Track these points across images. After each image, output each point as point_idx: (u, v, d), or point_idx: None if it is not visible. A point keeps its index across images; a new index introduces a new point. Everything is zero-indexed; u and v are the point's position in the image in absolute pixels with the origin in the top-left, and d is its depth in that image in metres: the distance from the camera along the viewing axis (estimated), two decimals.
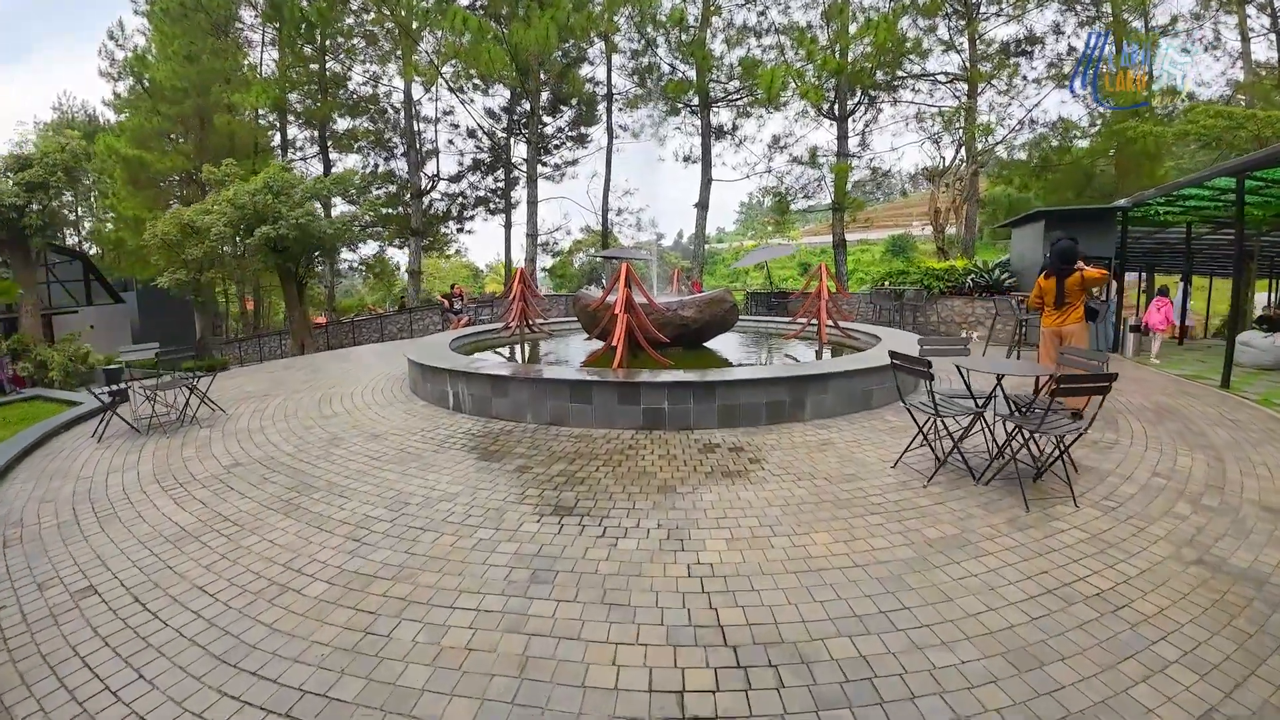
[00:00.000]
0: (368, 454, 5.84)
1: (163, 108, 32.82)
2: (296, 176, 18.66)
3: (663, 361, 7.42)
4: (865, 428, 6.24)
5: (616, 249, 22.66)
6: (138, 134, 31.80)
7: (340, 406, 8.00)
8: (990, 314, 15.05)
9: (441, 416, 7.04)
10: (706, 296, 9.50)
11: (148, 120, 32.38)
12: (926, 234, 53.55)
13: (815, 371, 6.26)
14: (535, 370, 6.48)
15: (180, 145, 31.13)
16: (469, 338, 11.12)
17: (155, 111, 32.81)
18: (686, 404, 5.91)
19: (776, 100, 18.51)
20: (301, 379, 10.69)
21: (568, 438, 5.88)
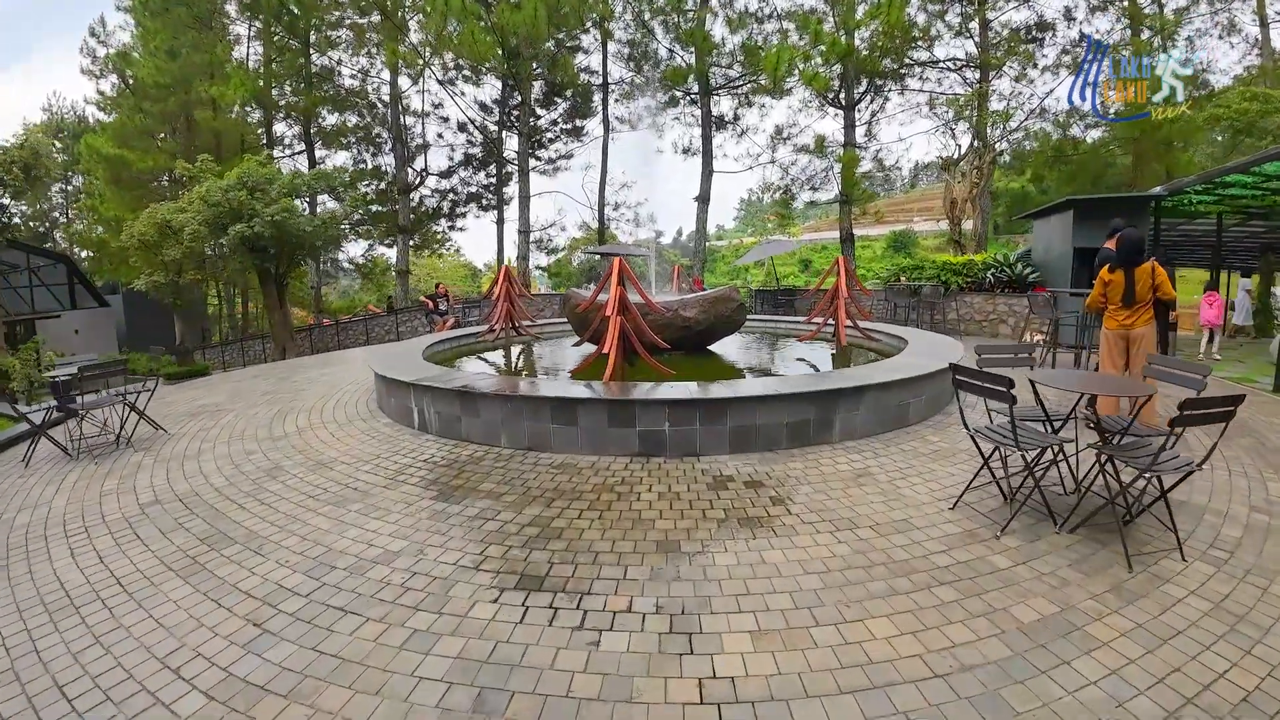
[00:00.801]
0: (306, 490, 4.83)
1: (146, 105, 31.99)
2: (274, 171, 17.59)
3: (662, 370, 6.39)
4: (905, 451, 5.22)
5: (612, 245, 21.61)
6: (120, 132, 31.01)
7: (294, 425, 7.01)
8: (1013, 312, 14.03)
9: (404, 438, 6.02)
10: (711, 295, 8.48)
11: (130, 118, 31.59)
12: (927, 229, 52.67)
13: (847, 384, 5.22)
14: (510, 386, 5.45)
15: (164, 144, 30.18)
16: (448, 342, 10.09)
17: (138, 109, 32.01)
18: (691, 425, 4.88)
19: (781, 84, 17.46)
20: (264, 390, 9.71)
21: (547, 468, 4.85)
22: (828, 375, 5.71)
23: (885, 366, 6.23)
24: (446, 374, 6.23)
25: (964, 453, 5.25)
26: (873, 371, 5.80)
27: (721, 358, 8.81)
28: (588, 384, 5.54)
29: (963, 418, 4.25)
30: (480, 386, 5.47)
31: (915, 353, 7.18)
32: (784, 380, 5.45)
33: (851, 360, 8.44)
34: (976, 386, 3.80)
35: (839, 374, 5.73)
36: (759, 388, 5.11)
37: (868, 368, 6.14)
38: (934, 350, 7.39)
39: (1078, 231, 12.82)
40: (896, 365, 6.25)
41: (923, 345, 7.74)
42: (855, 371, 5.87)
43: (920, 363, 6.31)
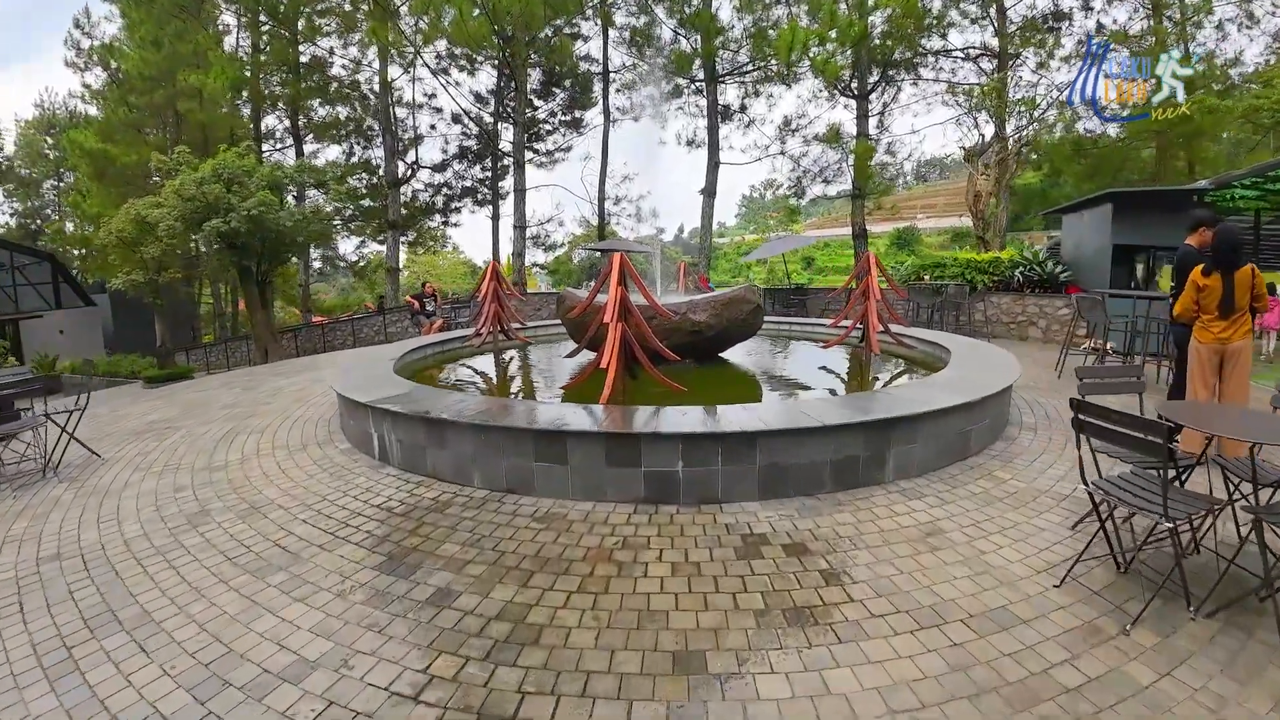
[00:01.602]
0: (226, 548, 3.83)
1: (131, 98, 31.10)
2: (252, 162, 16.56)
3: (671, 386, 5.36)
4: (975, 495, 4.20)
5: (613, 241, 20.55)
6: (104, 127, 30.18)
7: (239, 451, 6.01)
8: (1044, 314, 12.99)
9: (359, 472, 5.00)
10: (724, 296, 7.45)
11: (114, 112, 30.75)
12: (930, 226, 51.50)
13: (903, 411, 4.19)
14: (484, 412, 4.41)
15: (151, 138, 29.19)
16: (431, 348, 9.07)
17: (124, 102, 31.15)
18: (711, 465, 3.86)
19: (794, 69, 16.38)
20: (226, 402, 8.74)
21: (529, 520, 3.83)
22: (875, 398, 4.68)
23: (939, 384, 5.20)
24: (411, 394, 5.20)
25: (1046, 495, 4.26)
26: (929, 393, 4.77)
27: (736, 367, 7.80)
28: (583, 408, 4.51)
29: (1081, 471, 3.21)
30: (449, 412, 4.44)
31: (964, 364, 6.16)
32: (823, 405, 4.42)
33: (885, 371, 7.41)
34: (1115, 434, 2.77)
35: (889, 396, 4.70)
36: (795, 417, 4.07)
37: (920, 386, 5.11)
38: (985, 362, 6.36)
39: (1117, 227, 11.80)
40: (951, 383, 5.22)
41: (968, 355, 6.71)
42: (909, 393, 4.83)
43: (982, 380, 5.29)
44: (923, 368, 7.34)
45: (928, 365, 7.40)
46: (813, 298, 16.37)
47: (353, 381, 6.17)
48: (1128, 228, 11.74)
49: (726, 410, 4.21)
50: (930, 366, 7.30)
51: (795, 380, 7.11)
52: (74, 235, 34.41)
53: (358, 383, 6.05)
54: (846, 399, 4.64)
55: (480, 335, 8.72)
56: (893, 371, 7.39)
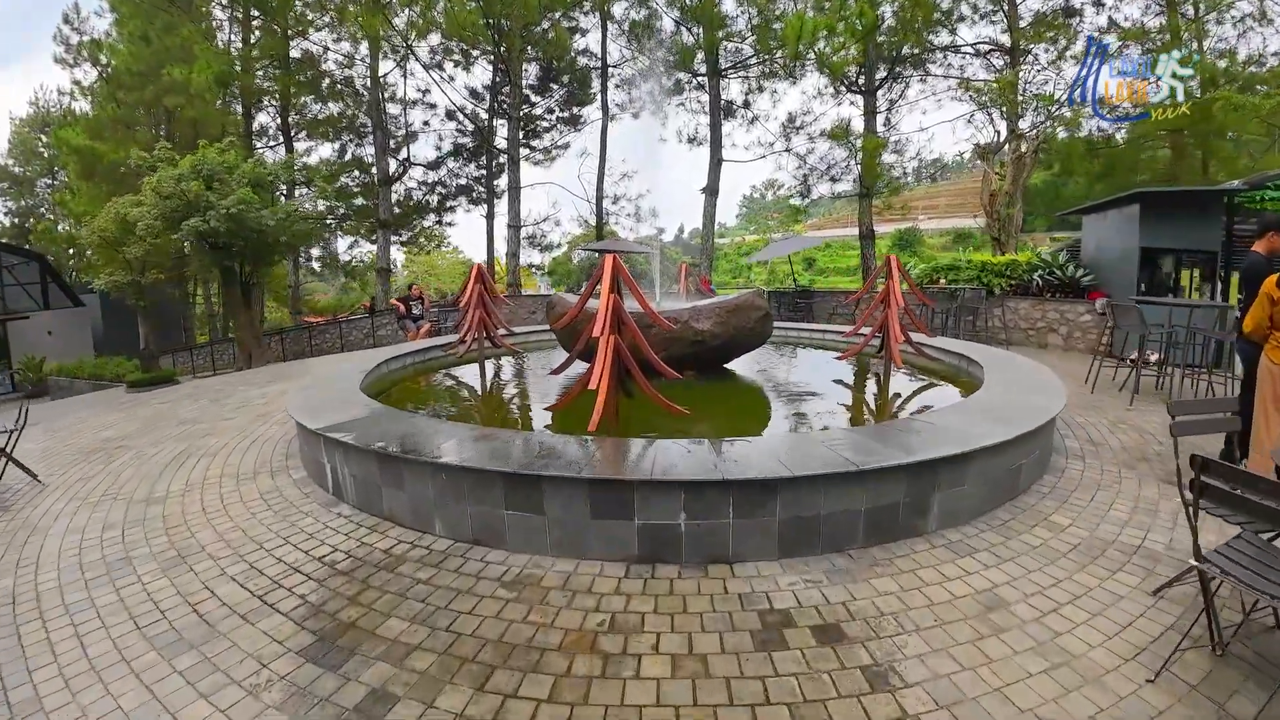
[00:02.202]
0: (139, 611, 3.23)
1: (121, 94, 30.60)
2: (234, 158, 15.87)
3: (671, 408, 4.67)
4: (1034, 548, 3.52)
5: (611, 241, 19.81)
6: (93, 124, 29.69)
7: (184, 479, 5.35)
8: (1065, 320, 12.30)
9: (308, 511, 4.31)
10: (730, 303, 6.77)
11: (103, 108, 30.25)
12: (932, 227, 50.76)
13: (952, 451, 3.49)
14: (445, 446, 3.71)
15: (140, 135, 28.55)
16: (411, 356, 8.39)
17: (112, 98, 30.65)
18: (720, 517, 3.16)
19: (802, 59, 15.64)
20: (186, 416, 8.09)
21: (494, 586, 3.13)
22: (913, 429, 3.96)
23: (980, 409, 4.50)
24: (370, 418, 4.51)
25: (1114, 548, 3.61)
26: (972, 421, 4.08)
27: (743, 381, 7.12)
28: (564, 440, 3.81)
29: (1195, 544, 2.51)
30: (403, 446, 3.74)
31: (1000, 382, 5.47)
32: (852, 439, 3.71)
33: (910, 387, 6.71)
34: (1261, 507, 2.07)
35: (928, 427, 3.99)
36: (823, 457, 3.37)
37: (959, 413, 4.41)
38: (1022, 379, 5.68)
39: (1145, 229, 11.08)
40: (993, 407, 4.53)
41: (1001, 370, 6.02)
42: (948, 421, 4.13)
43: (1026, 402, 4.61)
44: (951, 383, 6.65)
45: (956, 380, 6.71)
46: (819, 301, 15.66)
47: (312, 399, 5.48)
48: (1156, 229, 11.04)
49: (738, 447, 3.51)
50: (959, 382, 6.60)
51: (809, 397, 6.41)
52: (61, 234, 33.75)
53: (317, 401, 5.37)
54: (878, 431, 3.93)
55: (464, 343, 8.01)
56: (918, 388, 6.70)
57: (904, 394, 6.46)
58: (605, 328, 4.30)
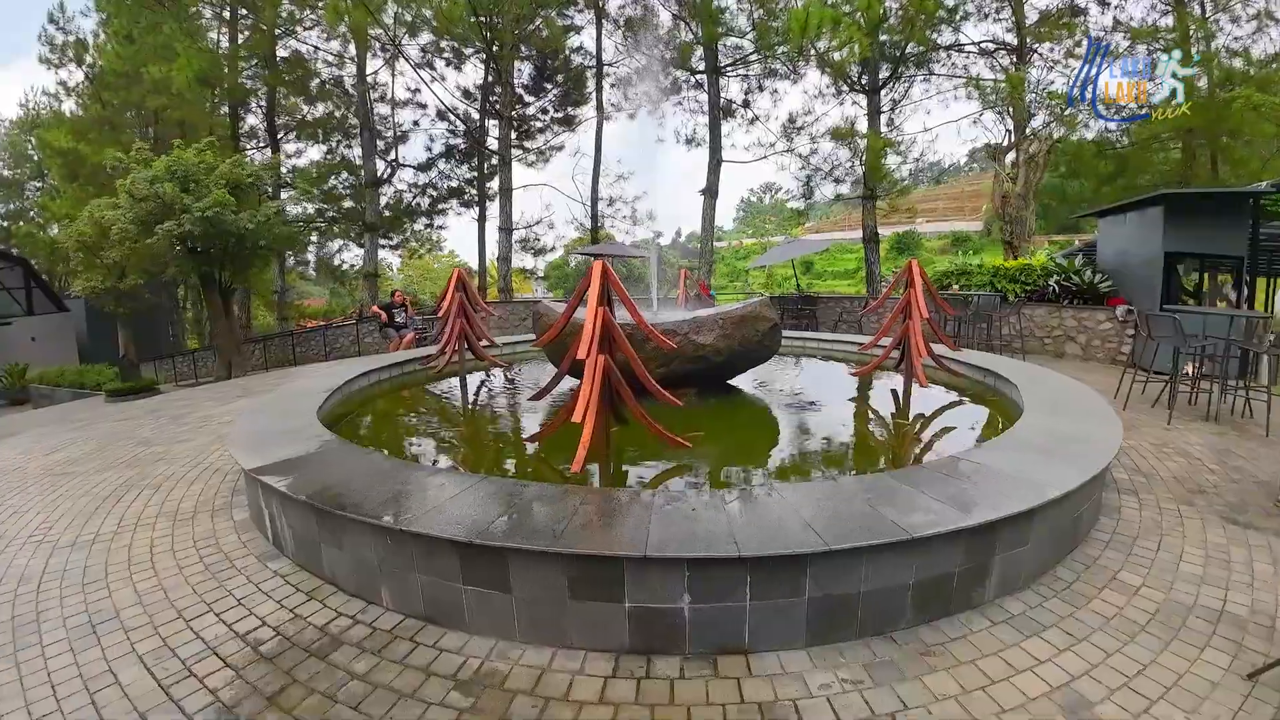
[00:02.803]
0: (33, 701, 2.56)
1: (106, 95, 30.06)
2: (211, 158, 15.20)
3: (670, 440, 4.00)
4: (1107, 620, 2.90)
5: (607, 245, 19.18)
6: (77, 125, 29.18)
7: (119, 517, 4.70)
8: (1084, 328, 11.67)
9: (243, 567, 3.64)
10: (734, 313, 6.11)
11: (89, 108, 29.73)
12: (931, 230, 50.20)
13: (1018, 508, 2.82)
14: (389, 500, 3.04)
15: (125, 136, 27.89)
16: (385, 371, 7.70)
17: (97, 99, 30.12)
18: (735, 599, 2.48)
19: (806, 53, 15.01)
20: (142, 437, 7.46)
21: (445, 689, 2.45)
22: (960, 472, 3.28)
23: (1030, 442, 3.84)
24: (316, 455, 3.83)
25: (1195, 614, 3.00)
26: (1026, 460, 3.43)
27: (749, 400, 6.46)
28: (537, 494, 3.13)
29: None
30: (345, 497, 3.07)
31: (1042, 404, 4.82)
32: (891, 489, 3.04)
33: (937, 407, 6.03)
34: None
35: (978, 470, 3.32)
36: (862, 518, 2.70)
37: (1009, 449, 3.75)
38: (1065, 399, 5.05)
39: (1171, 233, 10.45)
40: (1045, 440, 3.87)
41: (1038, 389, 5.37)
42: (997, 459, 3.47)
43: (1079, 432, 3.97)
44: (980, 403, 5.98)
45: (985, 400, 6.05)
46: (823, 307, 15.00)
47: (260, 426, 4.81)
48: (1181, 233, 10.41)
49: (755, 505, 2.84)
50: (990, 403, 5.94)
51: (824, 419, 5.75)
52: (44, 238, 32.97)
53: (265, 428, 4.70)
54: (920, 476, 3.25)
55: (444, 355, 7.34)
56: (947, 411, 6.03)
57: (932, 417, 5.77)
58: (592, 348, 3.64)
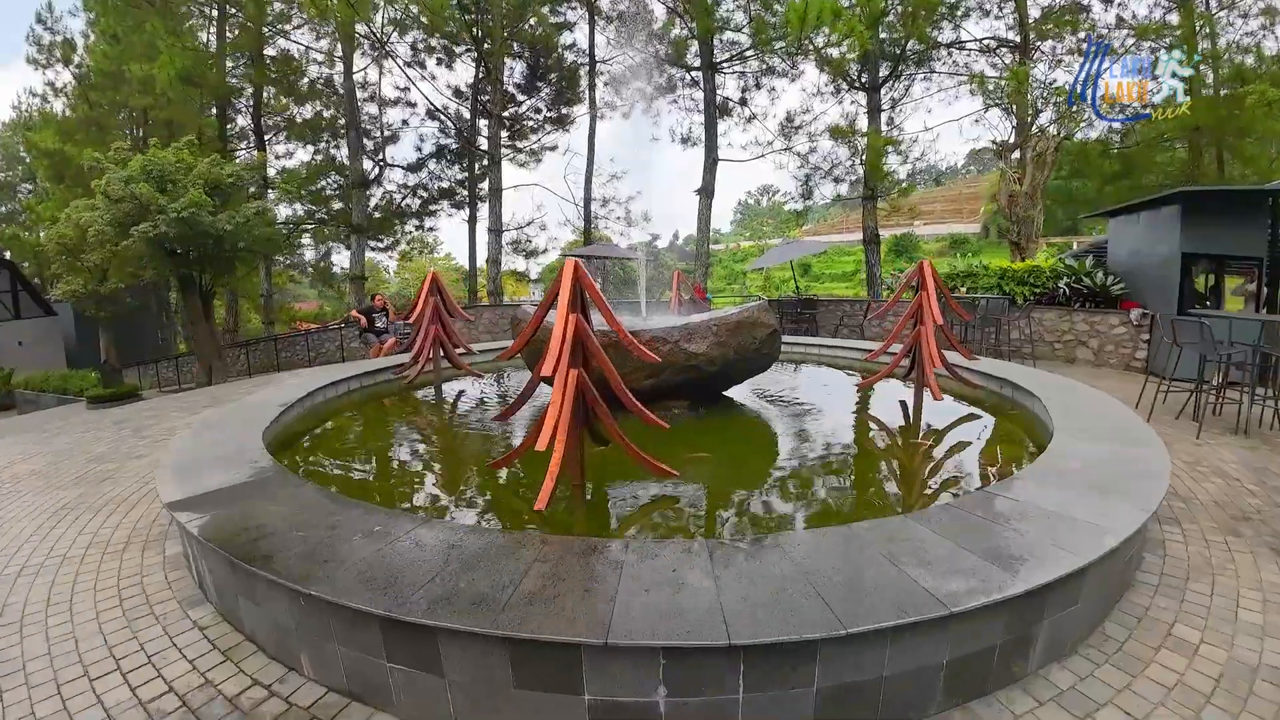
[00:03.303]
0: None
1: (93, 95, 29.65)
2: (188, 157, 14.70)
3: (655, 468, 3.49)
4: (1167, 691, 2.41)
5: (600, 246, 18.64)
6: (64, 125, 28.84)
7: (47, 550, 4.23)
8: (1096, 332, 11.15)
9: (162, 614, 3.14)
10: (730, 319, 5.61)
11: (76, 108, 29.41)
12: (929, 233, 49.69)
13: (1072, 566, 2.30)
14: (304, 553, 2.51)
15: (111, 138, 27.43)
16: (353, 381, 7.18)
17: (84, 99, 29.75)
18: (727, 692, 1.95)
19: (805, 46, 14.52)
20: (97, 452, 7.03)
21: None
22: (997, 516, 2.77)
23: (1069, 472, 3.33)
24: (244, 488, 3.31)
25: (1260, 677, 2.52)
26: (1070, 497, 2.91)
27: (745, 414, 5.94)
28: (484, 549, 2.60)
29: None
30: (260, 546, 2.54)
31: (1078, 424, 4.31)
32: (917, 539, 2.52)
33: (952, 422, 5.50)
34: None
35: (1017, 506, 2.81)
36: (886, 588, 2.17)
37: (1050, 484, 3.23)
38: (1096, 415, 4.55)
39: (1189, 233, 9.95)
40: (1087, 468, 3.36)
41: (1064, 401, 4.87)
42: (1040, 495, 2.96)
43: (1130, 459, 3.45)
44: (1000, 418, 5.46)
45: (1005, 414, 5.52)
46: (824, 310, 14.49)
47: (200, 446, 4.30)
48: (1199, 233, 9.91)
49: (751, 563, 2.31)
50: (1011, 417, 5.41)
51: (830, 438, 5.22)
52: (30, 241, 32.42)
53: (204, 449, 4.19)
54: (950, 518, 2.72)
55: (417, 364, 6.82)
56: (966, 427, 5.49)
57: (949, 435, 5.23)
58: (561, 360, 3.12)
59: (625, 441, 3.39)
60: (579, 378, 3.27)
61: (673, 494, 3.66)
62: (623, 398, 3.40)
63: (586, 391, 3.33)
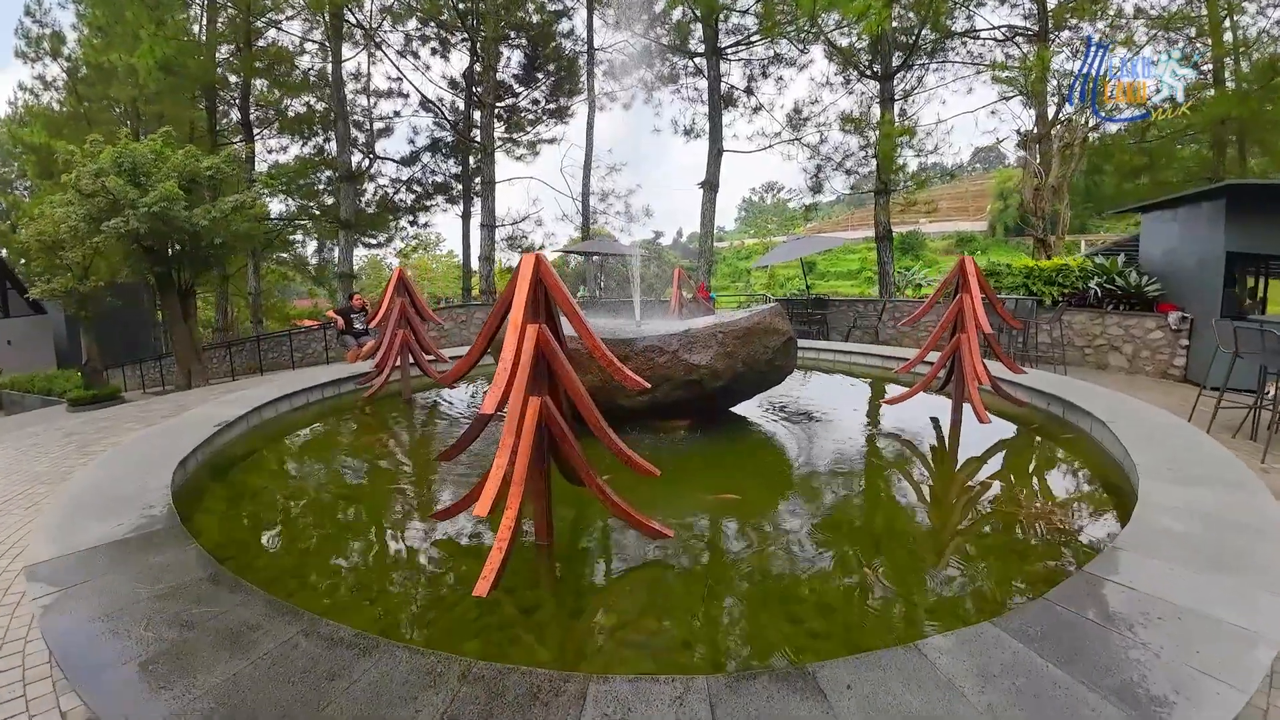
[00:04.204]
0: None
1: (81, 89, 29.14)
2: (164, 148, 13.95)
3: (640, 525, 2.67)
4: None
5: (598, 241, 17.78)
6: (52, 120, 28.34)
7: None
8: (1130, 337, 10.31)
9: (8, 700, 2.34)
10: (738, 325, 4.80)
11: (65, 102, 28.98)
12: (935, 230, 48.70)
13: (1231, 706, 1.51)
14: (120, 691, 1.71)
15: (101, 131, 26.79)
16: (315, 392, 6.39)
17: (73, 92, 29.28)
18: None
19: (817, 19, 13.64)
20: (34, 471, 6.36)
21: None
22: (1108, 613, 1.96)
23: (1176, 531, 2.52)
24: (113, 550, 2.54)
25: None
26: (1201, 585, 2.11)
27: (756, 434, 5.13)
28: (379, 680, 1.80)
29: None
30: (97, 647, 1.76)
31: (1160, 459, 3.51)
32: (1024, 692, 1.70)
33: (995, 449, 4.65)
34: None
35: (1130, 597, 2.01)
36: None
37: (1161, 552, 2.43)
38: (1171, 445, 3.75)
39: (1233, 230, 9.09)
40: (1189, 522, 2.56)
41: (1135, 428, 4.06)
42: (1155, 578, 2.16)
43: (1248, 509, 2.67)
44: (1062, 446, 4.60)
45: (1060, 440, 4.66)
46: (835, 310, 13.64)
47: (98, 483, 3.55)
48: (1247, 231, 9.04)
49: None
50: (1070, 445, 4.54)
51: (861, 472, 4.39)
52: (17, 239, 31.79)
53: (103, 485, 3.43)
54: (1051, 629, 1.93)
55: (382, 375, 6.02)
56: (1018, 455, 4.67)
57: (1002, 470, 4.34)
58: (512, 387, 2.31)
59: (605, 493, 2.58)
60: (541, 409, 2.47)
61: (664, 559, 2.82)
62: (602, 437, 2.59)
63: (552, 425, 2.53)
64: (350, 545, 3.18)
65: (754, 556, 2.89)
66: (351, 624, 2.17)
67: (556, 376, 2.56)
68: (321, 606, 2.54)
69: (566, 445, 2.55)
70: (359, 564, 2.95)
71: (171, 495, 3.51)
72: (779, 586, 2.63)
